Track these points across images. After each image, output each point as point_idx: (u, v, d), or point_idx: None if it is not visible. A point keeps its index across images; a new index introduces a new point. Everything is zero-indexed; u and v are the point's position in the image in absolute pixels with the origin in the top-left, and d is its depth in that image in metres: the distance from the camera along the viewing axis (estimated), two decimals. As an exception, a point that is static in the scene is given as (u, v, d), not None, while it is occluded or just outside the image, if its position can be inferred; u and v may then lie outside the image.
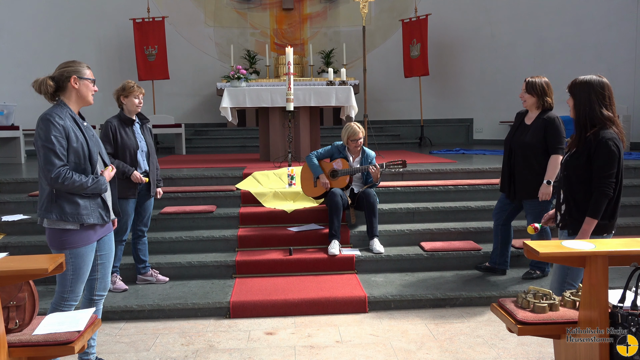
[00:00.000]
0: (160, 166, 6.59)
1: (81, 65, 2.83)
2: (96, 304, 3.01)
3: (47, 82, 2.75)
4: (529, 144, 4.11)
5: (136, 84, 4.22)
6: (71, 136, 2.70)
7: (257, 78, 10.96)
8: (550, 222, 3.07)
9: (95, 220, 2.79)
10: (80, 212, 2.74)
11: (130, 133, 4.21)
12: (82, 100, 2.84)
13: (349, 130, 4.99)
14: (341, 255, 4.67)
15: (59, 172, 2.64)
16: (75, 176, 2.68)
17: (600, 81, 2.79)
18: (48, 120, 2.67)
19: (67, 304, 2.80)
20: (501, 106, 10.38)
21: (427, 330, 3.71)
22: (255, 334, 3.69)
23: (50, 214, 2.72)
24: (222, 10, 11.83)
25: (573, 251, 2.26)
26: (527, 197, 4.15)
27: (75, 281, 2.80)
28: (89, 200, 2.77)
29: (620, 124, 2.82)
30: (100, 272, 2.98)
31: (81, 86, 2.80)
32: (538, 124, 4.12)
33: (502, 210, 4.41)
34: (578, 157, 2.80)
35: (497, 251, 4.51)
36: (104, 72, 10.19)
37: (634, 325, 2.13)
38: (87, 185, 2.71)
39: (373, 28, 11.69)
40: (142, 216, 4.40)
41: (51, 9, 10.14)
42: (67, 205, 2.72)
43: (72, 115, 2.77)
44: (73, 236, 2.74)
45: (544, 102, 4.12)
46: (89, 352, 3.04)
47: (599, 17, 9.14)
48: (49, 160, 2.65)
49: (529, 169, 4.12)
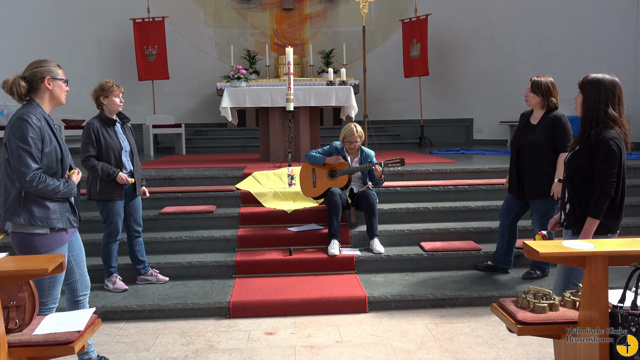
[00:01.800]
0: (161, 166, 6.59)
1: (53, 65, 2.75)
2: (82, 305, 2.99)
3: (19, 82, 2.67)
4: (536, 144, 4.10)
5: (114, 82, 4.14)
6: (46, 139, 2.64)
7: (257, 78, 10.96)
8: (557, 226, 3.07)
9: (64, 225, 2.74)
10: (50, 217, 2.67)
11: (113, 134, 4.14)
12: (55, 101, 2.77)
13: (346, 131, 5.00)
14: (341, 255, 4.67)
15: (34, 175, 2.57)
16: (49, 180, 2.62)
17: (612, 80, 2.78)
18: (25, 120, 2.58)
19: (47, 308, 2.77)
20: (501, 106, 10.37)
21: (427, 330, 3.71)
22: (255, 334, 3.69)
23: (18, 217, 2.63)
24: (222, 11, 11.82)
25: (573, 251, 2.26)
26: (537, 197, 4.14)
27: (53, 284, 2.78)
28: (58, 204, 2.71)
29: (625, 125, 2.79)
30: (77, 273, 2.94)
31: (55, 87, 2.73)
32: (545, 123, 4.11)
33: (510, 210, 4.41)
34: (580, 156, 2.80)
35: (501, 250, 4.51)
36: (104, 72, 10.20)
37: (634, 325, 2.13)
38: (59, 190, 2.66)
39: (373, 28, 11.69)
40: (133, 216, 4.38)
41: (51, 9, 10.14)
42: (37, 209, 2.64)
43: (46, 117, 2.70)
44: (45, 239, 2.68)
45: (548, 102, 4.11)
46: (87, 350, 3.04)
47: (599, 17, 9.14)
48: (24, 163, 2.56)
49: (537, 168, 4.11)
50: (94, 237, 4.81)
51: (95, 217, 4.93)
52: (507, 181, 4.51)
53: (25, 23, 9.82)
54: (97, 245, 4.52)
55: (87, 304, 3.05)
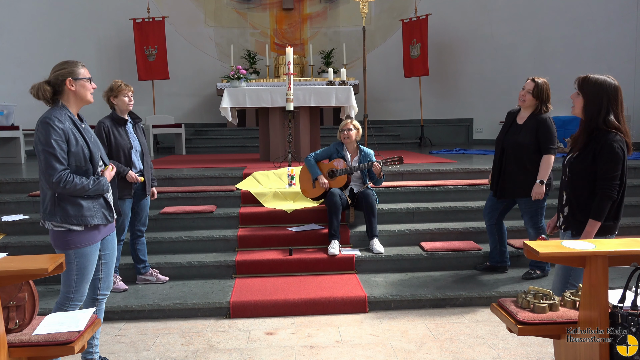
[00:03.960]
0: (160, 166, 6.59)
1: (75, 66, 2.77)
2: (99, 303, 3.02)
3: (44, 87, 2.71)
4: (521, 144, 4.13)
5: (123, 82, 4.19)
6: (71, 139, 2.68)
7: (257, 78, 10.96)
8: (555, 229, 3.07)
9: (99, 221, 2.79)
10: (84, 214, 2.73)
11: (124, 133, 4.20)
12: (81, 101, 2.81)
13: (341, 124, 5.11)
14: (341, 255, 4.67)
15: (60, 176, 2.63)
16: (76, 179, 2.67)
17: (614, 85, 2.73)
18: (47, 124, 2.64)
19: (72, 304, 2.80)
20: (501, 106, 10.32)
21: (427, 330, 3.71)
22: (255, 334, 3.69)
23: (54, 216, 2.71)
24: (222, 10, 11.82)
25: (573, 251, 2.26)
26: (522, 194, 4.17)
27: (80, 281, 2.80)
28: (92, 202, 2.77)
29: (628, 130, 2.77)
30: (103, 272, 2.98)
31: (78, 87, 2.76)
32: (531, 124, 4.13)
33: (494, 209, 4.43)
34: (583, 159, 2.78)
35: (496, 250, 4.53)
36: (104, 72, 10.19)
37: (634, 325, 2.12)
38: (88, 188, 2.71)
39: (373, 28, 11.69)
40: (139, 216, 4.40)
41: (51, 9, 10.14)
42: (71, 208, 2.71)
43: (71, 117, 2.74)
44: (78, 237, 2.74)
45: (542, 108, 4.12)
46: (92, 351, 3.05)
47: (599, 17, 9.14)
48: (50, 165, 2.63)
49: (521, 168, 4.14)
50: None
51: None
52: (489, 180, 4.53)
53: (25, 22, 9.82)
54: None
55: (104, 303, 3.08)
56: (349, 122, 5.07)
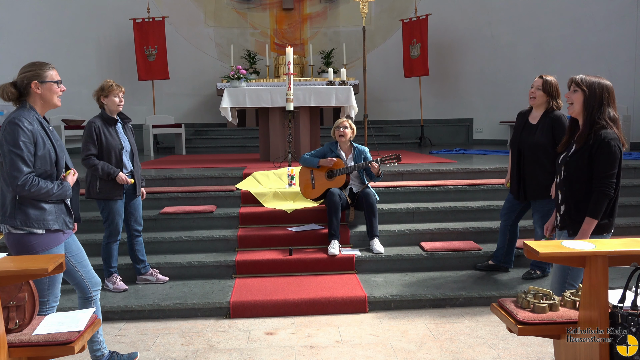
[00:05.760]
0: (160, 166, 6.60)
1: (42, 68, 2.69)
2: (94, 301, 2.99)
3: (9, 89, 2.66)
4: (538, 144, 4.08)
5: (115, 82, 4.17)
6: (39, 142, 2.62)
7: (257, 78, 10.96)
8: (554, 231, 3.07)
9: (59, 226, 2.73)
10: (46, 218, 2.67)
11: (114, 133, 4.18)
12: (47, 104, 2.73)
13: (336, 122, 5.14)
14: (341, 255, 4.67)
15: (26, 179, 2.56)
16: (42, 183, 2.61)
17: (609, 84, 2.79)
18: (16, 124, 2.56)
19: (49, 307, 2.77)
20: (501, 106, 10.37)
21: (427, 330, 3.71)
22: (255, 334, 3.69)
23: (14, 220, 2.63)
24: (222, 11, 11.82)
25: (573, 251, 2.26)
26: (540, 197, 4.12)
27: (52, 283, 2.78)
28: (54, 206, 2.71)
29: (620, 126, 2.82)
30: (82, 272, 2.93)
31: (44, 90, 2.68)
32: (545, 123, 4.09)
33: (511, 211, 4.40)
34: (580, 157, 2.80)
35: (502, 249, 4.51)
36: (104, 72, 10.20)
37: (634, 325, 2.13)
38: (52, 192, 2.65)
39: (373, 28, 11.69)
40: (134, 216, 4.40)
41: (51, 9, 10.14)
42: (32, 211, 2.64)
43: (39, 120, 2.68)
44: (41, 239, 2.68)
45: (554, 104, 4.09)
46: (100, 347, 3.06)
47: (599, 17, 9.14)
48: (16, 167, 2.55)
49: (539, 169, 4.09)
50: (94, 237, 4.81)
51: (96, 217, 4.93)
52: (507, 180, 4.50)
53: (25, 23, 9.82)
54: (97, 245, 4.53)
55: (98, 300, 3.05)
56: (345, 120, 5.11)
